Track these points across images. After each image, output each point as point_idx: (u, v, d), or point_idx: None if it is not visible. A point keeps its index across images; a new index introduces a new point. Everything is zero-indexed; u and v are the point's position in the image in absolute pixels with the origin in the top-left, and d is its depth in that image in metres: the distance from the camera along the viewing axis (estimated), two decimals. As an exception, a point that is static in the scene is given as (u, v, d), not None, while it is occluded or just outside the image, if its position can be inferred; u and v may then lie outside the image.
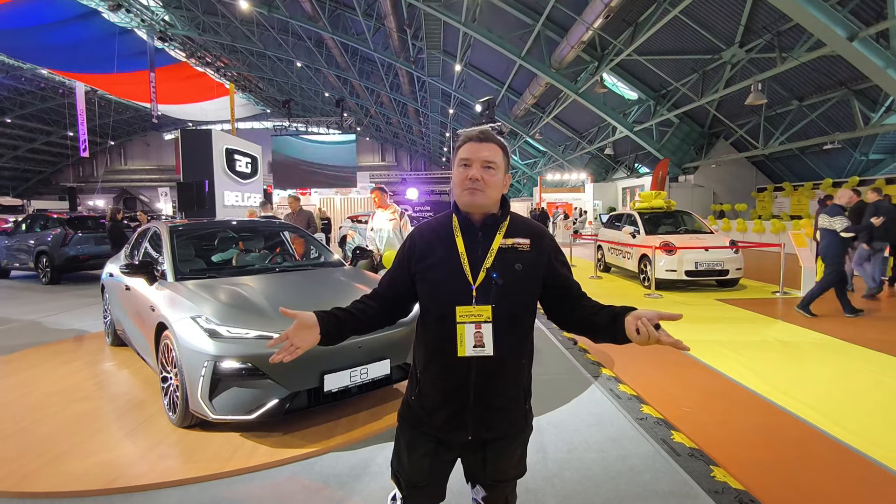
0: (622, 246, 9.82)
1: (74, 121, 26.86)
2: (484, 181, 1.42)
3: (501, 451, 1.50)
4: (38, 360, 4.88)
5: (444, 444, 1.48)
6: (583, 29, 13.62)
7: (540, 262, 1.45)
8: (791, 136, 14.55)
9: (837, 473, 2.77)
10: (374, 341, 3.31)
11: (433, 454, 1.48)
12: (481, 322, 1.37)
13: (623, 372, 4.43)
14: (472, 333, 1.37)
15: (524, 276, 1.43)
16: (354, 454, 2.97)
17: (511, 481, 1.60)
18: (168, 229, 4.25)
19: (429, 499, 1.55)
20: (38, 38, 21.34)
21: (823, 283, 6.40)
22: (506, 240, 1.44)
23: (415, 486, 1.52)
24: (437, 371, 1.45)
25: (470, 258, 1.42)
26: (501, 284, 1.40)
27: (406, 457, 1.52)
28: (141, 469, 2.78)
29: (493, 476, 1.54)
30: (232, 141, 11.24)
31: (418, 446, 1.50)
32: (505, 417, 1.47)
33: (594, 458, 2.93)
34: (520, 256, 1.43)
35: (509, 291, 1.41)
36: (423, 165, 46.21)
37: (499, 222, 1.47)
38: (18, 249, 10.63)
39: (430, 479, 1.51)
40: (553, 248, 1.50)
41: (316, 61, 24.39)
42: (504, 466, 1.53)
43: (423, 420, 1.48)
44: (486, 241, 1.44)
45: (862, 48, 8.99)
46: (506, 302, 1.40)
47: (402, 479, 1.55)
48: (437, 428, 1.46)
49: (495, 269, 1.40)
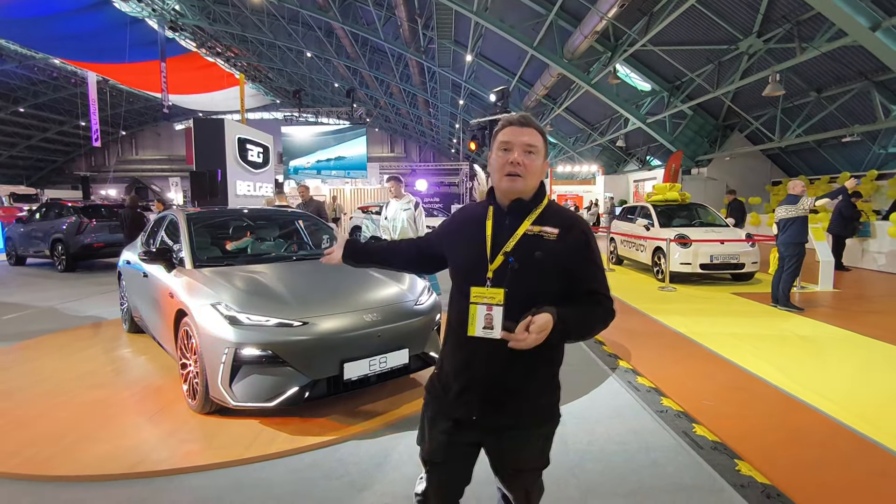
0: (636, 238, 9.73)
1: (86, 110, 26.96)
2: (525, 166, 1.40)
3: (519, 441, 1.49)
4: (55, 346, 4.92)
5: (459, 424, 1.47)
6: (597, 18, 13.41)
7: (564, 252, 1.40)
8: (808, 129, 14.29)
9: (865, 470, 2.72)
10: (393, 330, 3.30)
11: (451, 432, 1.48)
12: (493, 304, 1.37)
13: (640, 364, 4.39)
14: (483, 315, 1.37)
15: (542, 265, 1.39)
16: (375, 442, 2.97)
17: (531, 472, 1.57)
18: (185, 217, 4.25)
19: (449, 478, 1.54)
20: (50, 27, 21.41)
21: (791, 273, 6.52)
22: (533, 226, 1.42)
23: (433, 463, 1.53)
24: (452, 348, 1.50)
25: (493, 241, 1.43)
26: (517, 269, 1.38)
27: (427, 432, 1.54)
28: (162, 454, 2.79)
29: (511, 465, 1.53)
30: (244, 130, 11.23)
31: (437, 423, 1.51)
32: (515, 405, 1.44)
33: (615, 449, 2.90)
34: (542, 244, 1.40)
35: (524, 277, 1.38)
36: (433, 157, 46.01)
37: (529, 208, 1.45)
38: (34, 237, 10.73)
39: (447, 457, 1.50)
40: (583, 243, 1.43)
41: (326, 51, 24.26)
42: (523, 456, 1.52)
43: (439, 395, 1.52)
44: (512, 226, 1.43)
45: (885, 38, 8.77)
46: (520, 287, 1.38)
47: (423, 455, 1.56)
48: (448, 403, 1.48)
49: (514, 253, 1.40)
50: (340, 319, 3.16)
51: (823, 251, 7.95)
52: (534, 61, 18.04)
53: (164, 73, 21.97)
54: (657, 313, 6.28)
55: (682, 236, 8.29)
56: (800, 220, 6.36)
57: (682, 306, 6.82)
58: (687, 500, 2.41)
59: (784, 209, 6.46)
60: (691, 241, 8.19)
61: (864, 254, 10.58)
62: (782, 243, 6.54)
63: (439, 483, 1.53)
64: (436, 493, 1.53)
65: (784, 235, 6.48)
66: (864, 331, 5.40)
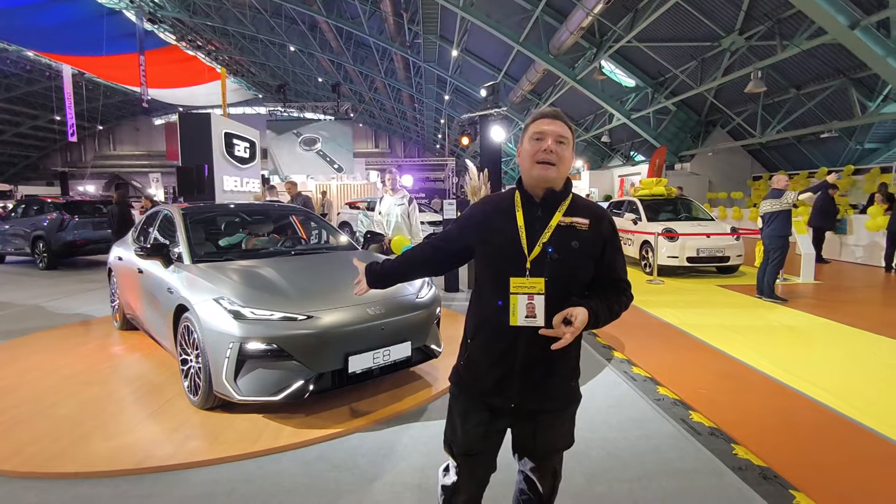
0: (623, 232, 9.87)
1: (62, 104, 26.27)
2: (558, 155, 1.44)
3: (551, 423, 1.54)
4: (46, 343, 4.84)
5: (495, 413, 1.51)
6: (582, 14, 13.50)
7: (597, 242, 1.47)
8: (788, 125, 14.61)
9: (854, 451, 2.83)
10: (397, 323, 3.32)
11: (487, 423, 1.52)
12: (534, 294, 1.41)
13: (634, 355, 4.48)
14: (525, 304, 1.41)
15: (580, 254, 1.45)
16: (380, 434, 2.99)
17: (559, 453, 1.64)
18: (181, 212, 4.21)
19: (483, 468, 1.58)
20: (23, 18, 20.76)
21: (776, 265, 6.65)
22: (565, 217, 1.46)
23: (470, 456, 1.55)
24: (487, 338, 1.51)
25: (528, 232, 1.46)
26: (557, 259, 1.42)
27: (460, 426, 1.56)
28: (168, 450, 2.78)
29: (544, 447, 1.58)
30: (231, 125, 11.06)
31: (471, 416, 1.54)
32: (551, 390, 1.50)
33: (617, 437, 2.97)
34: (577, 235, 1.45)
35: (564, 266, 1.43)
36: (418, 152, 45.89)
37: (560, 199, 1.49)
38: (14, 235, 10.47)
39: (485, 447, 1.54)
40: (611, 233, 1.52)
41: (310, 45, 23.98)
42: (553, 438, 1.58)
43: (469, 385, 1.55)
44: (545, 217, 1.47)
45: (863, 36, 9.01)
46: (559, 276, 1.43)
47: (455, 449, 1.57)
48: (483, 393, 1.51)
49: (551, 244, 1.43)
50: (344, 313, 3.17)
51: (805, 244, 8.17)
52: (520, 57, 18.10)
53: (142, 66, 21.49)
54: (647, 305, 6.40)
55: (669, 230, 8.44)
56: (784, 213, 6.51)
57: (670, 298, 6.96)
58: (689, 483, 2.49)
59: (769, 203, 6.61)
60: (678, 234, 8.35)
61: (843, 246, 10.89)
62: (767, 236, 6.70)
63: (471, 473, 1.57)
64: (467, 484, 1.57)
65: (769, 229, 6.64)
66: (845, 320, 5.59)
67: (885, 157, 14.48)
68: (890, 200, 9.70)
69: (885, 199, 9.82)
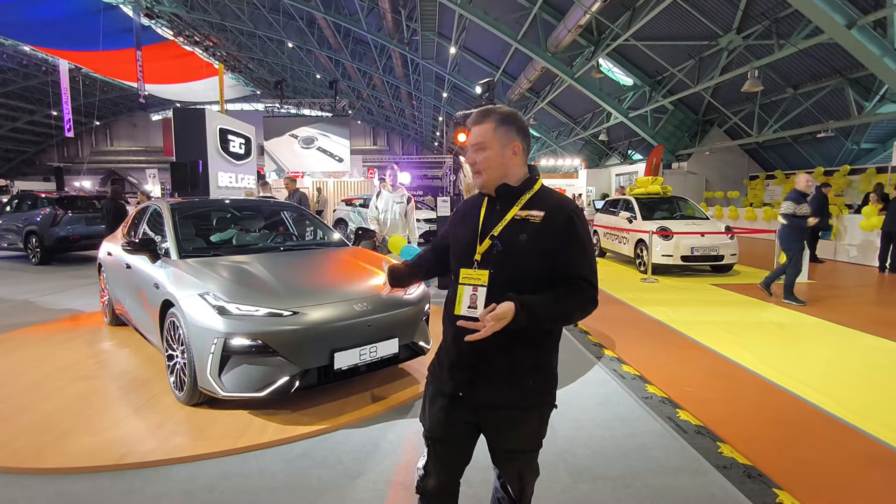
0: (618, 231, 9.88)
1: (58, 100, 26.20)
2: (478, 163, 1.52)
3: (511, 420, 1.51)
4: (35, 338, 4.81)
5: (453, 401, 1.53)
6: (580, 12, 13.48)
7: (548, 235, 1.42)
8: (785, 125, 14.63)
9: (840, 450, 2.83)
10: (384, 320, 3.31)
11: (447, 409, 1.54)
12: (478, 285, 1.45)
13: (624, 353, 4.47)
14: (469, 295, 1.47)
15: (528, 247, 1.43)
16: (364, 431, 2.98)
17: (522, 454, 1.57)
18: (170, 207, 4.18)
19: (448, 454, 1.58)
20: (19, 12, 20.67)
21: (795, 268, 6.48)
22: (521, 211, 1.47)
23: (433, 439, 1.59)
24: (444, 327, 1.59)
25: (484, 226, 1.51)
26: (501, 251, 1.45)
27: (427, 409, 1.62)
28: (151, 445, 2.77)
29: (501, 447, 1.54)
30: (226, 121, 11.02)
31: (436, 401, 1.58)
32: (498, 385, 1.47)
33: (603, 434, 2.96)
34: (527, 227, 1.44)
35: (508, 260, 1.44)
36: (416, 150, 45.85)
37: (517, 193, 1.50)
38: (7, 230, 10.42)
39: (445, 433, 1.56)
40: (566, 225, 1.43)
41: (308, 42, 23.90)
42: (508, 438, 1.53)
43: (437, 373, 1.61)
44: (502, 211, 1.50)
45: (860, 36, 9.01)
46: (504, 270, 1.44)
47: (424, 431, 1.62)
48: (441, 380, 1.57)
49: (500, 237, 1.46)
50: (331, 309, 3.16)
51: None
52: (518, 55, 18.07)
53: (139, 61, 21.38)
54: (640, 303, 6.40)
55: (663, 229, 8.44)
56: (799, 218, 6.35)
57: (663, 296, 6.96)
58: (673, 481, 2.49)
59: (792, 207, 6.37)
60: (673, 233, 8.35)
61: (837, 246, 10.90)
62: (784, 237, 6.55)
63: (438, 458, 1.59)
64: (435, 467, 1.59)
65: (787, 231, 6.49)
66: (837, 319, 5.59)
67: (881, 157, 14.50)
68: (885, 200, 9.70)
69: (880, 198, 9.83)
